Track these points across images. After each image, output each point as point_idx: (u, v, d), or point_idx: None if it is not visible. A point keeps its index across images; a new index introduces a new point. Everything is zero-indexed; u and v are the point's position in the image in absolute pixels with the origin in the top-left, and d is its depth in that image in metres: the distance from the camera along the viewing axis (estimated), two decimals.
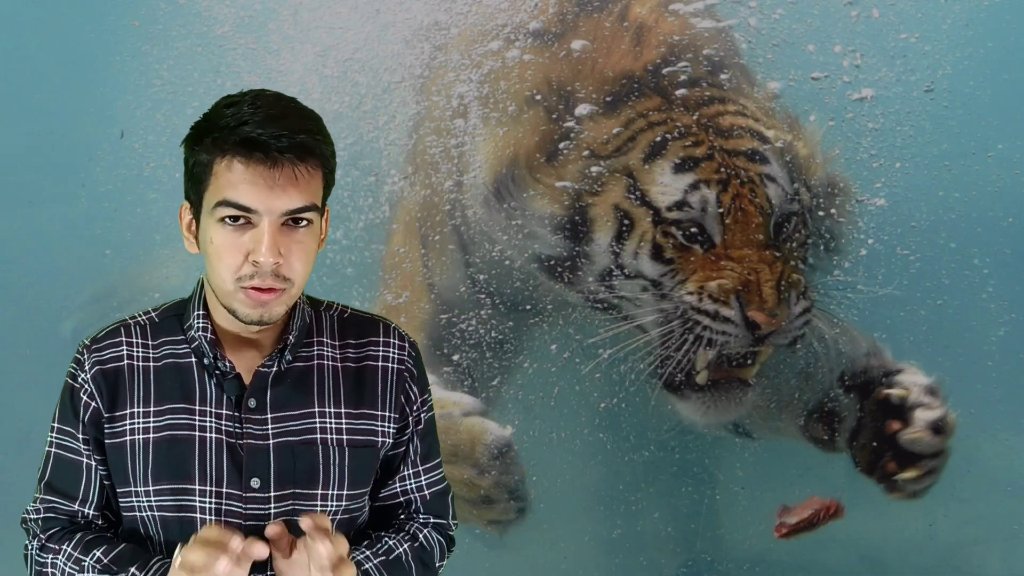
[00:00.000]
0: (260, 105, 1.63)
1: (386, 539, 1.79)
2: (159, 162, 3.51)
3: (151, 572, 1.65)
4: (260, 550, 1.57)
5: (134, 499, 1.70)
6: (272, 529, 1.62)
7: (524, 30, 3.38)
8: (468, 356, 3.44)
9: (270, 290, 1.64)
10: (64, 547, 1.71)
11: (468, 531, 3.33)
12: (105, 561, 1.68)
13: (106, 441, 1.72)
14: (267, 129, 1.60)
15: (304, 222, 1.64)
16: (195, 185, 1.66)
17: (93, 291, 3.60)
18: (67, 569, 1.70)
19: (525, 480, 3.34)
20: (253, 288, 1.63)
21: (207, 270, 1.69)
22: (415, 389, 1.82)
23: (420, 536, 1.83)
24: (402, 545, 1.79)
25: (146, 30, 3.54)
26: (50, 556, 1.72)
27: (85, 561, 1.69)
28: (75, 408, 1.73)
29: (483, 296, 3.42)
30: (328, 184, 1.70)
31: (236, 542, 1.56)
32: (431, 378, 3.33)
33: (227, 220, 1.62)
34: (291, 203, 1.62)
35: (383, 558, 1.76)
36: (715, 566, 3.55)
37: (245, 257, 1.63)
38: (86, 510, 1.74)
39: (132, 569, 1.67)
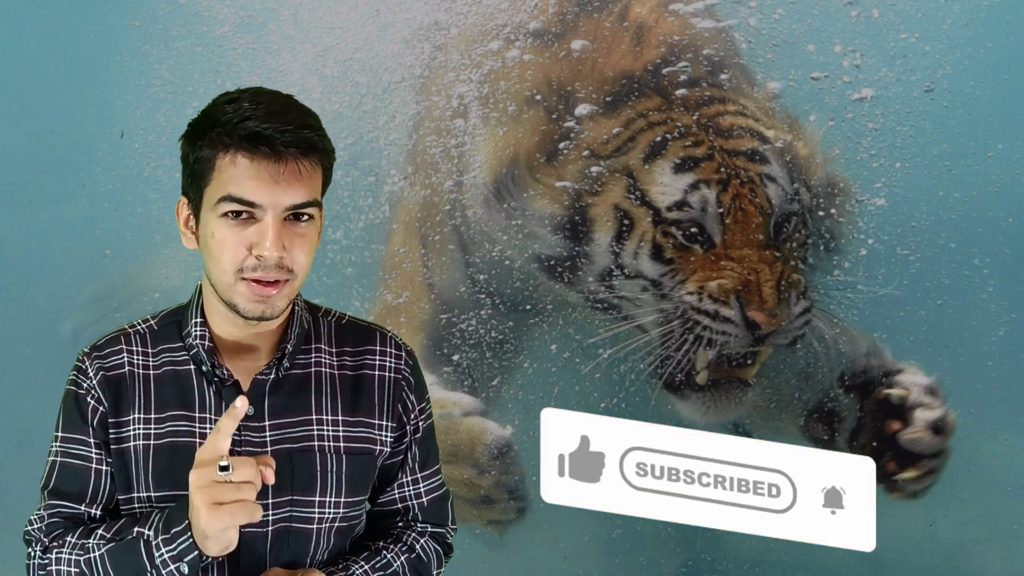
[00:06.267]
0: (261, 101, 1.63)
1: (384, 552, 1.80)
2: (159, 162, 3.51)
3: (152, 523, 1.62)
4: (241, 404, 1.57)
5: (136, 505, 1.70)
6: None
7: (524, 30, 3.38)
8: (468, 356, 3.44)
9: (273, 283, 1.64)
10: (68, 539, 1.69)
11: (468, 531, 3.33)
12: (108, 536, 1.66)
13: (111, 446, 1.71)
14: (271, 124, 1.60)
15: (306, 216, 1.65)
16: (195, 181, 1.66)
17: (93, 291, 3.59)
18: (73, 557, 1.67)
19: (525, 480, 3.34)
20: (256, 280, 1.63)
21: (206, 265, 1.68)
22: (412, 398, 1.81)
23: (417, 547, 1.84)
24: (399, 558, 1.81)
25: (146, 30, 3.54)
26: (54, 554, 1.69)
27: (89, 542, 1.66)
28: (82, 413, 1.71)
29: (483, 296, 3.42)
30: (327, 180, 1.70)
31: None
32: (431, 379, 3.34)
33: (230, 215, 1.63)
34: (295, 198, 1.63)
35: (380, 572, 1.78)
36: (715, 566, 3.55)
37: (248, 251, 1.63)
38: (92, 510, 1.72)
39: (136, 528, 1.63)
